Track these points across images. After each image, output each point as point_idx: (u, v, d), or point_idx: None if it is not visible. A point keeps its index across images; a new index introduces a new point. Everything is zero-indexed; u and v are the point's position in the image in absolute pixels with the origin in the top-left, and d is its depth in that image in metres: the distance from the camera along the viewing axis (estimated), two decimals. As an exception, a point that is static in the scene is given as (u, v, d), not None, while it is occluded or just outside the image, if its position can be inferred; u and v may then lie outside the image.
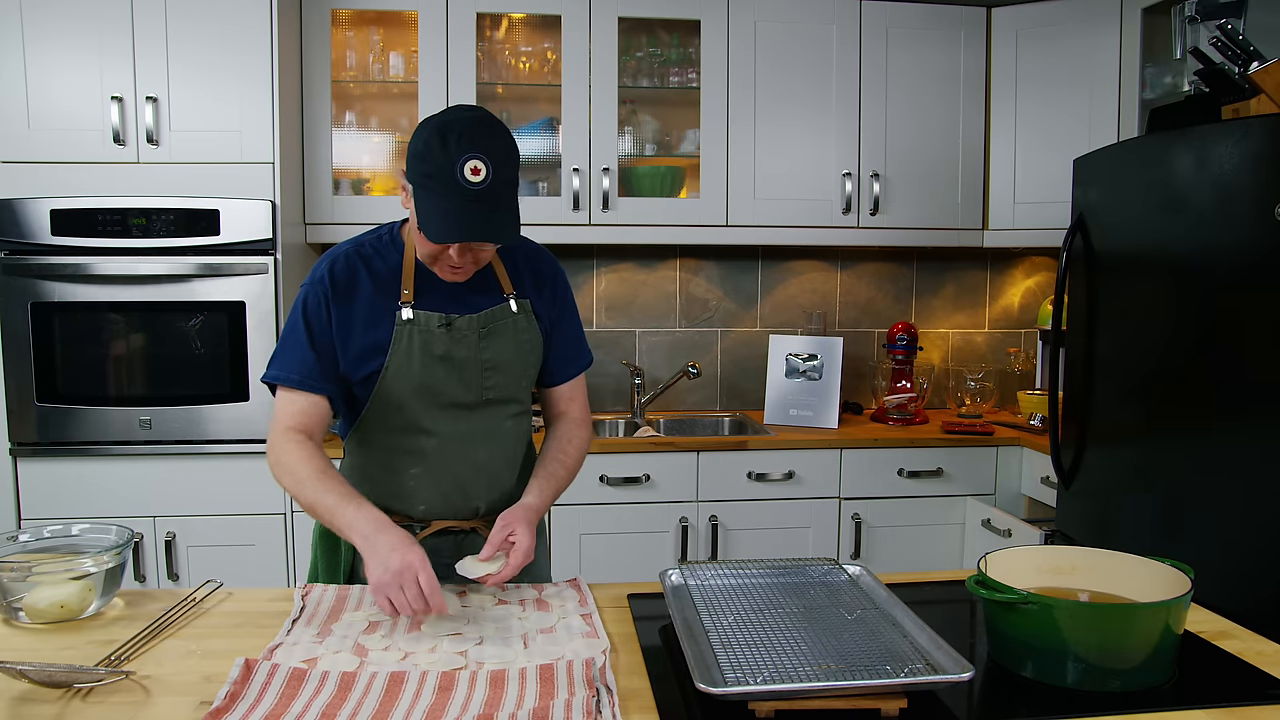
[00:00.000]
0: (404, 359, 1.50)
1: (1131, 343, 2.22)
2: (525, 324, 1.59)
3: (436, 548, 1.59)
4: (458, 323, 1.53)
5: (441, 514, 1.60)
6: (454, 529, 1.61)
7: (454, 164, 1.34)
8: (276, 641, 1.25)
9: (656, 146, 3.17)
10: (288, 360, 1.51)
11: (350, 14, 2.98)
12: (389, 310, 1.51)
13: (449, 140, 1.35)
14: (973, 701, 1.12)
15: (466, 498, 1.60)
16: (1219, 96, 2.20)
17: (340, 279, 1.51)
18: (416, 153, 1.39)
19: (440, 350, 1.51)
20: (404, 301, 1.51)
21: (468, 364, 1.54)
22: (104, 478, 2.63)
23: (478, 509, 1.61)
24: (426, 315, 1.51)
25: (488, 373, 1.55)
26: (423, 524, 1.60)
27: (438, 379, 1.52)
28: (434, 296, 1.53)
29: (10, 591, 1.30)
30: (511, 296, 1.58)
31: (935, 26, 3.12)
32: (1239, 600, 1.60)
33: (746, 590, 1.37)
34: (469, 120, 1.38)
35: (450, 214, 1.36)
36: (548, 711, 1.03)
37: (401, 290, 1.52)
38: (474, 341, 1.54)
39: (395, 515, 1.58)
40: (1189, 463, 2.02)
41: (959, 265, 3.55)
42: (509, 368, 1.58)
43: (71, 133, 2.57)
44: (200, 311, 2.63)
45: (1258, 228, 1.83)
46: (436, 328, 1.51)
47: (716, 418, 3.35)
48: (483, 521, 1.62)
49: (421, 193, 1.38)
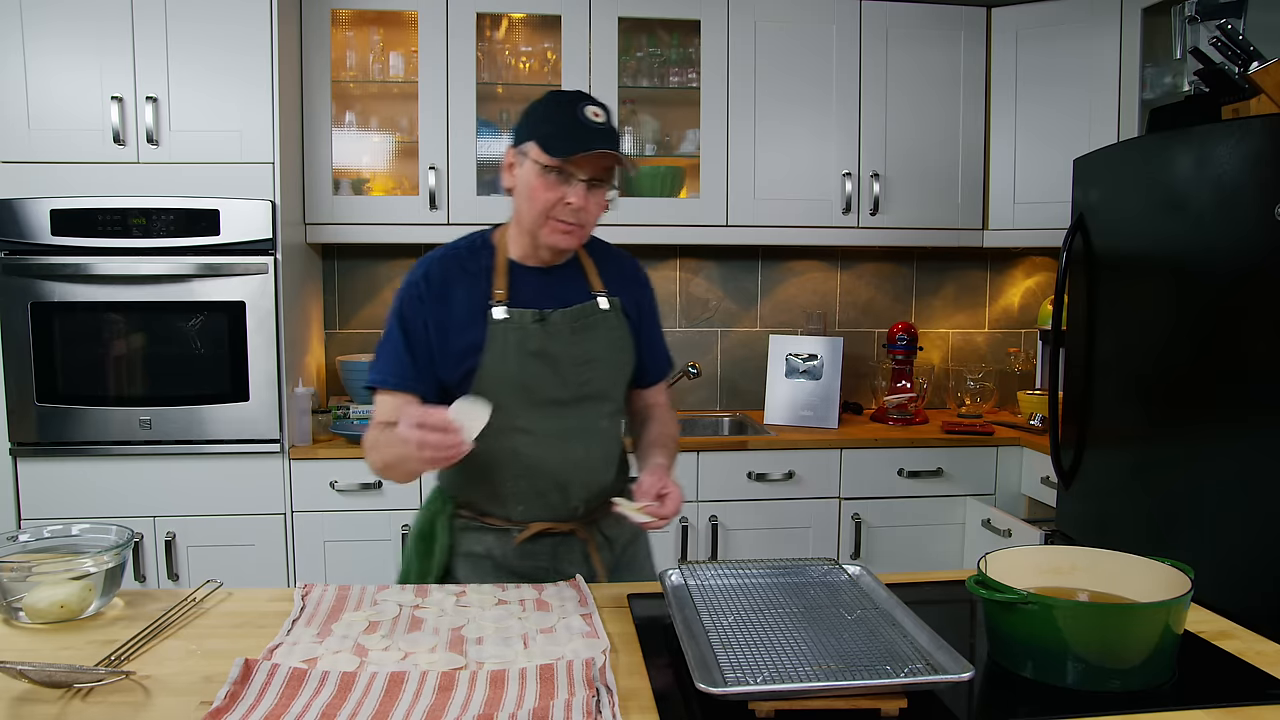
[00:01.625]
0: (500, 356, 1.53)
1: (1131, 343, 2.22)
2: (616, 321, 1.62)
3: (533, 551, 1.60)
4: (552, 317, 1.56)
5: (540, 515, 1.60)
6: (552, 531, 1.61)
7: (575, 106, 1.47)
8: (276, 641, 1.25)
9: (656, 146, 3.17)
10: (383, 364, 1.56)
11: (350, 14, 2.98)
12: (483, 310, 1.54)
13: (570, 95, 1.49)
14: (973, 701, 1.12)
15: (565, 497, 1.60)
16: (1219, 96, 2.20)
17: (434, 282, 1.55)
18: (530, 113, 1.52)
19: (535, 346, 1.54)
20: (497, 300, 1.54)
21: (563, 359, 1.55)
22: (104, 478, 2.63)
23: (576, 509, 1.62)
24: (520, 312, 1.54)
25: (582, 368, 1.57)
26: (520, 527, 1.60)
27: (533, 375, 1.54)
28: (526, 294, 1.57)
29: (10, 591, 1.30)
30: (602, 294, 1.61)
31: (935, 26, 3.13)
32: (1239, 600, 1.60)
33: (746, 590, 1.37)
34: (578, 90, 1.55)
35: (578, 133, 1.45)
36: (548, 711, 1.03)
37: (494, 290, 1.55)
38: (568, 336, 1.56)
39: (493, 519, 1.61)
40: (1189, 463, 2.02)
41: (959, 265, 3.55)
42: (603, 363, 1.60)
43: (71, 133, 2.57)
44: (200, 311, 2.63)
45: (1258, 228, 1.83)
46: (531, 323, 1.54)
47: (716, 418, 3.35)
48: (581, 523, 1.62)
49: (544, 133, 1.47)
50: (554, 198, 1.48)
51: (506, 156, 1.55)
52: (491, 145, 3.05)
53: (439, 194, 2.93)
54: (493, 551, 1.61)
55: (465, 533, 1.64)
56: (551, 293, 1.58)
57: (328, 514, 2.72)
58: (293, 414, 2.71)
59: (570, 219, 1.49)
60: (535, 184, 1.48)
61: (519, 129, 1.53)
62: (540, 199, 1.48)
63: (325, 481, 2.71)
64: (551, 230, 1.51)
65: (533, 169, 1.48)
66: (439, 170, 2.92)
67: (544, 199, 1.48)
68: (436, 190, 2.92)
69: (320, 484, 2.71)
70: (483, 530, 1.62)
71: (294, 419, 2.71)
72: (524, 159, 1.50)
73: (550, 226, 1.50)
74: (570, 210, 1.48)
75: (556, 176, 1.47)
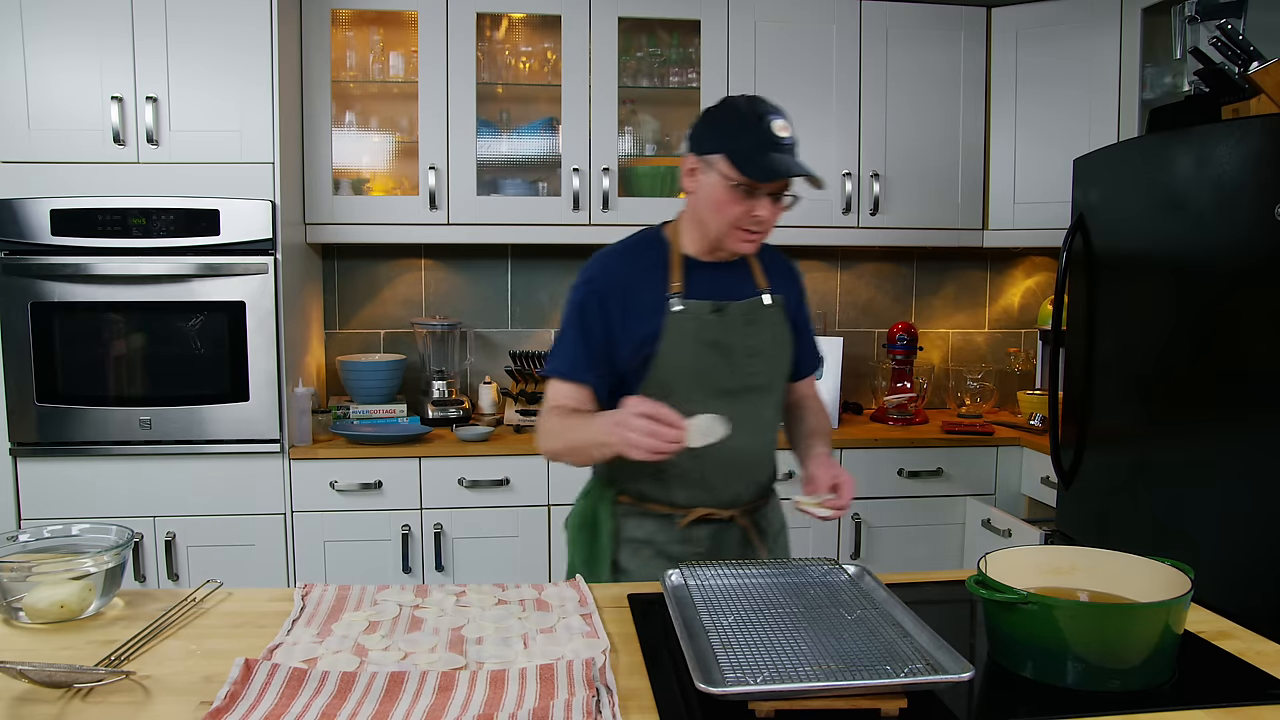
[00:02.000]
0: (677, 345, 1.59)
1: (1131, 343, 2.22)
2: (779, 316, 1.70)
3: (694, 537, 1.66)
4: (729, 309, 1.63)
5: (703, 501, 1.66)
6: (713, 517, 1.67)
7: (763, 121, 1.52)
8: (276, 641, 1.25)
9: (656, 146, 3.16)
10: (563, 356, 1.63)
11: (350, 14, 2.98)
12: (658, 302, 1.61)
13: (754, 105, 1.55)
14: (973, 701, 1.12)
15: (727, 484, 1.66)
16: (1219, 96, 2.20)
17: (611, 277, 1.63)
18: (715, 122, 1.57)
19: (710, 336, 1.61)
20: (674, 293, 1.61)
21: (735, 350, 1.63)
22: (104, 478, 2.63)
23: (738, 497, 1.68)
24: (698, 303, 1.62)
25: (751, 359, 1.64)
26: (683, 513, 1.65)
27: (707, 364, 1.61)
28: (700, 288, 1.63)
29: (10, 591, 1.30)
30: (766, 290, 1.70)
31: (935, 26, 3.12)
32: (1239, 600, 1.60)
33: (746, 590, 1.37)
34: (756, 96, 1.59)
35: (772, 154, 1.51)
36: (548, 711, 1.03)
37: (670, 283, 1.63)
38: (741, 328, 1.64)
39: (656, 504, 1.67)
40: (1189, 463, 2.02)
41: (959, 265, 3.55)
42: (769, 356, 1.67)
43: (71, 133, 2.57)
44: (200, 311, 2.63)
45: (1258, 228, 1.83)
46: (709, 314, 1.62)
47: (716, 418, 3.35)
48: (740, 510, 1.68)
49: (734, 150, 1.52)
50: (742, 211, 1.55)
51: (688, 161, 1.60)
52: (491, 145, 3.05)
53: (439, 194, 2.93)
54: (654, 537, 1.67)
55: (628, 519, 1.69)
56: (723, 287, 1.65)
57: (328, 514, 2.72)
58: (293, 414, 2.71)
59: (756, 229, 1.57)
60: (723, 198, 1.54)
61: (702, 136, 1.58)
62: (729, 212, 1.55)
63: (325, 481, 2.71)
64: (737, 239, 1.59)
65: (721, 183, 1.54)
66: (439, 170, 2.92)
67: (733, 213, 1.55)
68: (436, 190, 2.92)
69: (320, 484, 2.71)
70: (645, 516, 1.68)
71: (294, 419, 2.71)
72: (710, 169, 1.56)
73: (736, 236, 1.58)
74: (756, 221, 1.56)
75: (745, 192, 1.53)
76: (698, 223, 1.63)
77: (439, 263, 3.30)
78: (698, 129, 1.60)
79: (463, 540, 2.77)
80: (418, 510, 2.75)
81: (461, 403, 3.07)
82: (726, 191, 1.54)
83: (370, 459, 2.72)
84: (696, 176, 1.59)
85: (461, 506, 2.76)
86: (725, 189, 1.54)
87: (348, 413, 2.99)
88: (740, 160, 1.52)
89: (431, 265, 3.30)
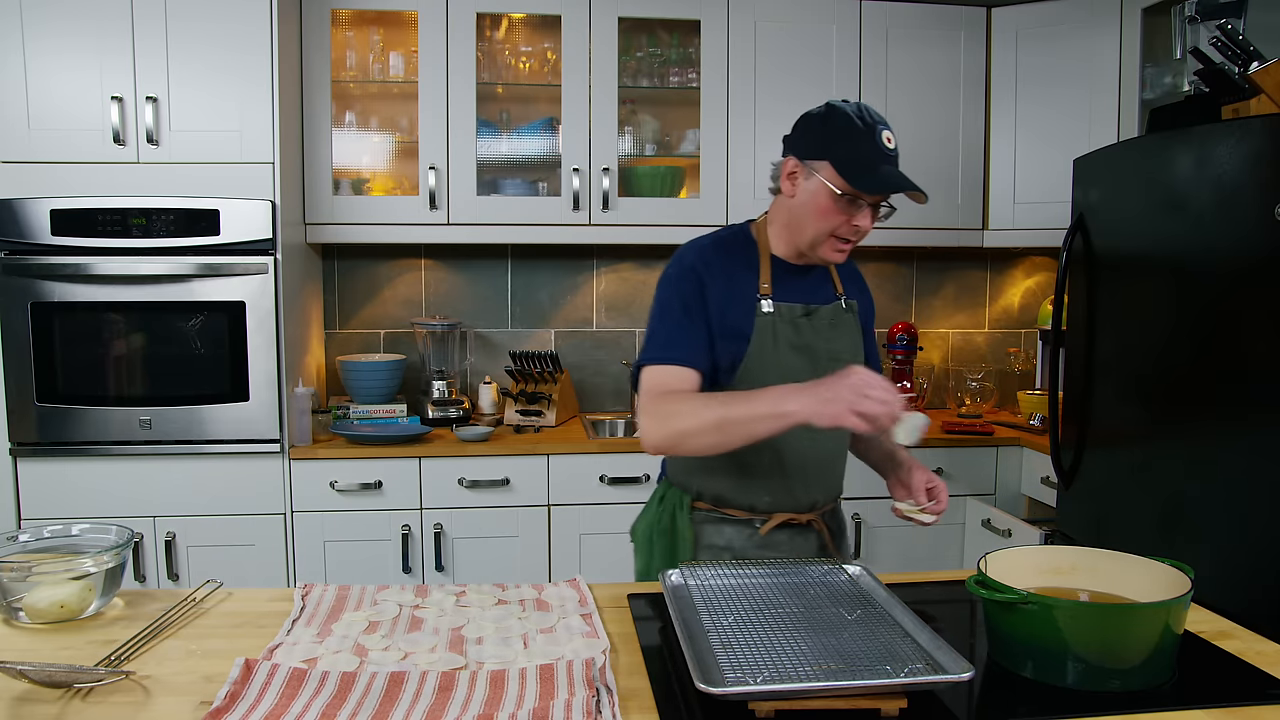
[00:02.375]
0: (766, 348, 1.58)
1: (1131, 343, 2.22)
2: (854, 322, 1.70)
3: (773, 543, 1.65)
4: (817, 313, 1.63)
5: (784, 506, 1.65)
6: (792, 522, 1.66)
7: (873, 131, 1.49)
8: (276, 641, 1.25)
9: (656, 146, 3.16)
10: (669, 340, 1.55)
11: (350, 14, 2.98)
12: (749, 301, 1.59)
13: (862, 115, 1.51)
14: (973, 701, 1.12)
15: (808, 489, 1.65)
16: (1219, 96, 2.20)
17: (710, 268, 1.59)
18: (819, 126, 1.53)
19: (797, 340, 1.60)
20: (763, 294, 1.60)
21: (819, 354, 1.62)
22: (104, 478, 2.63)
23: (816, 502, 1.68)
24: (788, 306, 1.61)
25: (832, 364, 1.60)
26: (764, 518, 1.65)
27: (794, 368, 1.59)
28: (787, 290, 1.62)
29: (10, 591, 1.30)
30: (843, 296, 1.70)
31: (935, 26, 3.12)
32: (1238, 600, 1.60)
33: (746, 590, 1.37)
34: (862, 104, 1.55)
35: (880, 166, 1.49)
36: (548, 711, 1.03)
37: (760, 284, 1.60)
38: (825, 332, 1.63)
39: (735, 509, 1.65)
40: (1189, 463, 2.02)
41: (959, 265, 3.55)
42: (848, 361, 1.63)
43: (71, 133, 2.57)
44: (200, 311, 2.63)
45: (1258, 228, 1.83)
46: (799, 317, 1.61)
47: (716, 418, 3.34)
48: (818, 514, 1.68)
49: (842, 159, 1.49)
50: (842, 220, 1.53)
51: (787, 164, 1.57)
52: (491, 145, 3.05)
53: (439, 194, 2.93)
54: (733, 543, 1.66)
55: (705, 525, 1.67)
56: (807, 291, 1.65)
57: (328, 514, 2.72)
58: (293, 414, 2.71)
59: (852, 238, 1.55)
60: (825, 205, 1.52)
61: (806, 140, 1.55)
62: (829, 221, 1.53)
63: (325, 481, 2.71)
64: (831, 247, 1.57)
65: (824, 190, 1.52)
66: (439, 170, 2.92)
67: (833, 221, 1.53)
68: (436, 190, 2.92)
69: (320, 484, 2.71)
70: (723, 522, 1.66)
71: (294, 419, 2.71)
72: (813, 175, 1.53)
73: (831, 244, 1.56)
74: (855, 231, 1.54)
75: (848, 201, 1.51)
76: (791, 226, 1.60)
77: (439, 263, 3.30)
78: (801, 132, 1.57)
79: (463, 540, 2.77)
80: (418, 510, 2.75)
81: (461, 403, 3.07)
82: (829, 199, 1.51)
83: (370, 459, 2.72)
84: (796, 181, 1.56)
85: (461, 506, 2.76)
86: (828, 197, 1.51)
87: (348, 413, 2.99)
88: (848, 170, 1.49)
89: (431, 265, 3.30)
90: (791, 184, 1.57)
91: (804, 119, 1.58)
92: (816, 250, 1.58)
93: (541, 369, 3.11)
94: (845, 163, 1.49)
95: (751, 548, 1.65)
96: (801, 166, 1.55)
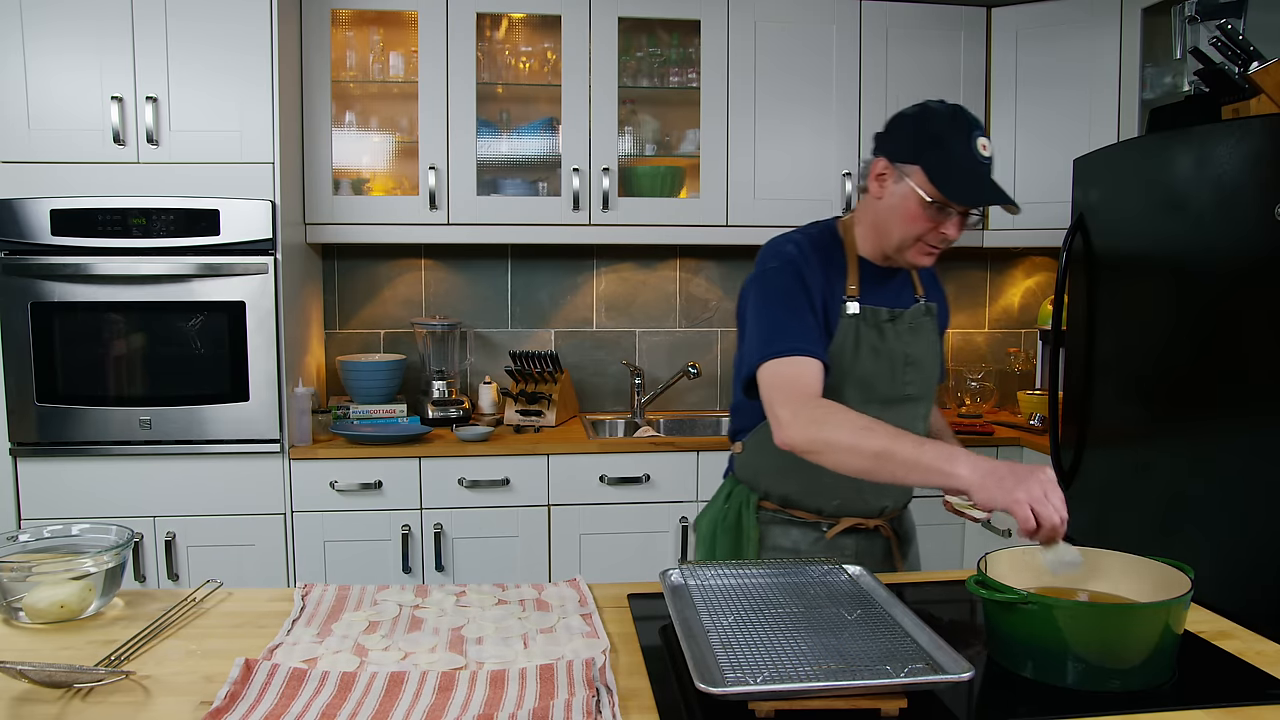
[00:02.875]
0: (846, 351, 1.55)
1: (1131, 343, 2.22)
2: (932, 325, 1.68)
3: (839, 546, 1.64)
4: (902, 316, 1.59)
5: (853, 510, 1.64)
6: (859, 527, 1.65)
7: (968, 138, 1.44)
8: (276, 641, 1.25)
9: (656, 146, 3.16)
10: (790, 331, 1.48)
11: (350, 14, 2.98)
12: (835, 301, 1.56)
13: (957, 120, 1.46)
14: (973, 701, 1.12)
15: (879, 495, 1.64)
16: (1219, 96, 2.20)
17: (809, 263, 1.55)
18: (913, 128, 1.48)
19: (879, 344, 1.58)
20: (850, 295, 1.57)
21: (898, 359, 1.60)
22: (104, 478, 2.63)
23: (885, 507, 1.66)
24: (873, 310, 1.58)
25: (909, 369, 1.60)
26: (831, 521, 1.64)
27: (871, 372, 1.58)
28: (870, 293, 1.60)
29: (10, 591, 1.30)
30: (923, 298, 1.68)
31: (935, 26, 3.12)
32: (1238, 600, 1.60)
33: (746, 590, 1.37)
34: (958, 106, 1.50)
35: (974, 180, 1.44)
36: (548, 711, 1.03)
37: (847, 285, 1.57)
38: (905, 336, 1.60)
39: (802, 510, 1.64)
40: (1189, 462, 2.02)
41: (959, 265, 3.55)
42: (924, 365, 1.64)
43: (71, 133, 2.57)
44: (200, 311, 2.63)
45: (1258, 228, 1.83)
46: (884, 321, 1.59)
47: (716, 418, 3.35)
48: (885, 520, 1.67)
49: (934, 165, 1.45)
50: (930, 227, 1.49)
51: (877, 164, 1.53)
52: (491, 145, 3.05)
53: (439, 194, 2.93)
54: (799, 545, 1.65)
55: (771, 526, 1.66)
56: (891, 294, 1.62)
57: (328, 514, 2.72)
58: (293, 414, 2.71)
59: (940, 246, 1.52)
60: (915, 211, 1.48)
61: (898, 141, 1.50)
62: (916, 227, 1.49)
63: (325, 481, 2.71)
64: (918, 253, 1.53)
65: (914, 196, 1.47)
66: (439, 170, 2.92)
67: (920, 228, 1.49)
68: (436, 190, 2.92)
69: (320, 484, 2.71)
70: (789, 524, 1.66)
71: (294, 419, 2.71)
72: (904, 179, 1.49)
73: (918, 249, 1.52)
74: (942, 239, 1.50)
75: (937, 209, 1.47)
76: (878, 229, 1.56)
77: (439, 263, 3.30)
78: (893, 134, 1.52)
79: (463, 540, 2.77)
80: (418, 510, 2.75)
81: (461, 403, 3.07)
82: (918, 205, 1.47)
83: (370, 459, 2.72)
84: (886, 184, 1.52)
85: (461, 506, 2.76)
86: (917, 202, 1.47)
87: (348, 413, 2.99)
88: (940, 177, 1.45)
89: (431, 265, 3.30)
90: (880, 186, 1.53)
91: (897, 118, 1.53)
92: (903, 254, 1.54)
93: (541, 369, 3.11)
94: (937, 169, 1.45)
95: (817, 551, 1.64)
96: (891, 169, 1.51)
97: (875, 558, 1.67)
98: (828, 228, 1.64)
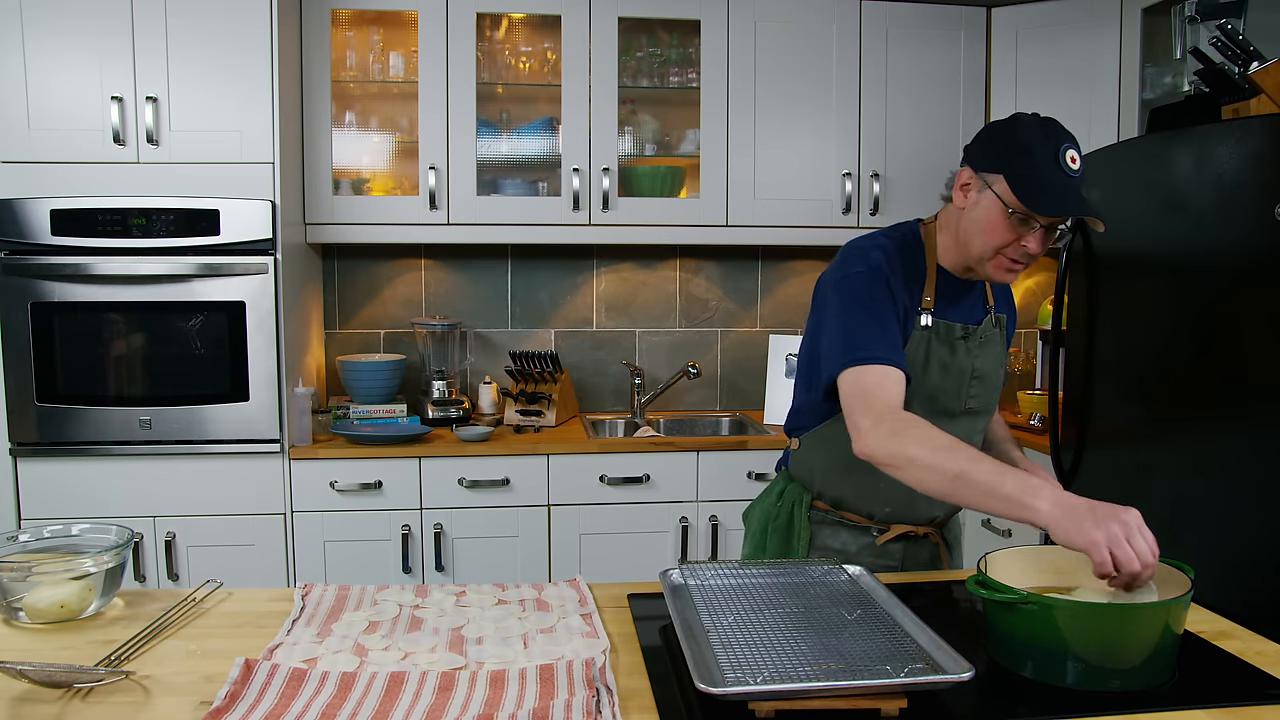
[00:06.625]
0: (917, 363, 1.54)
1: (1131, 343, 2.22)
2: (1000, 339, 1.65)
3: (888, 551, 1.64)
4: (976, 332, 1.58)
5: (905, 518, 1.64)
6: (910, 534, 1.65)
7: (1057, 149, 1.40)
8: (276, 641, 1.25)
9: (656, 146, 3.16)
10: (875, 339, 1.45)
11: (350, 14, 2.98)
12: (911, 310, 1.54)
13: (1047, 130, 1.42)
14: (973, 701, 1.12)
15: (930, 504, 1.63)
16: (1219, 96, 2.20)
17: (894, 270, 1.52)
18: (1002, 139, 1.45)
19: (949, 358, 1.56)
20: (925, 307, 1.54)
21: (965, 373, 1.59)
22: (104, 478, 2.63)
23: (936, 516, 1.66)
24: (947, 325, 1.56)
25: (975, 383, 1.59)
26: (882, 527, 1.64)
27: (938, 384, 1.57)
28: (945, 305, 1.57)
29: (10, 591, 1.30)
30: (993, 310, 1.65)
31: (935, 26, 3.12)
32: (1238, 600, 1.60)
33: (746, 590, 1.37)
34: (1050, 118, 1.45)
35: (1059, 191, 1.39)
36: (548, 711, 1.03)
37: (924, 296, 1.55)
38: (975, 350, 1.58)
39: (853, 515, 1.64)
40: (1189, 463, 2.02)
41: (959, 265, 3.54)
42: (989, 379, 1.62)
43: (71, 133, 2.57)
44: (200, 311, 2.63)
45: (1258, 228, 1.83)
46: (957, 338, 1.57)
47: (716, 418, 3.35)
48: (935, 528, 1.67)
49: (1019, 175, 1.41)
50: (1011, 240, 1.45)
51: (962, 174, 1.50)
52: (491, 145, 3.05)
53: (439, 194, 2.93)
54: (848, 548, 1.65)
55: (821, 527, 1.66)
56: (963, 306, 1.59)
57: (328, 514, 2.72)
58: (293, 414, 2.71)
59: (1022, 260, 1.47)
60: (997, 223, 1.44)
61: (984, 152, 1.47)
62: (997, 239, 1.46)
63: (325, 481, 2.71)
64: (998, 266, 1.49)
65: (996, 206, 1.44)
66: (439, 170, 2.92)
67: (1001, 240, 1.45)
68: (436, 190, 2.92)
69: (320, 484, 2.71)
70: (840, 526, 1.65)
71: (294, 419, 2.71)
72: (987, 189, 1.45)
73: (998, 262, 1.48)
74: (1024, 253, 1.46)
75: (1020, 220, 1.43)
76: (959, 239, 1.53)
77: (439, 263, 3.30)
78: (980, 143, 1.49)
79: (463, 540, 2.77)
80: (418, 510, 2.75)
81: (461, 403, 3.07)
82: (1000, 216, 1.43)
83: (370, 459, 2.72)
84: (969, 193, 1.49)
85: (461, 506, 2.76)
86: (1000, 213, 1.43)
87: (348, 413, 2.99)
88: (1023, 187, 1.41)
89: (431, 265, 3.30)
90: (964, 195, 1.50)
91: (987, 128, 1.50)
92: (983, 267, 1.50)
93: (541, 369, 3.11)
94: (1021, 179, 1.41)
95: (866, 554, 1.64)
96: (976, 178, 1.47)
97: (922, 564, 1.68)
98: (910, 231, 1.60)
